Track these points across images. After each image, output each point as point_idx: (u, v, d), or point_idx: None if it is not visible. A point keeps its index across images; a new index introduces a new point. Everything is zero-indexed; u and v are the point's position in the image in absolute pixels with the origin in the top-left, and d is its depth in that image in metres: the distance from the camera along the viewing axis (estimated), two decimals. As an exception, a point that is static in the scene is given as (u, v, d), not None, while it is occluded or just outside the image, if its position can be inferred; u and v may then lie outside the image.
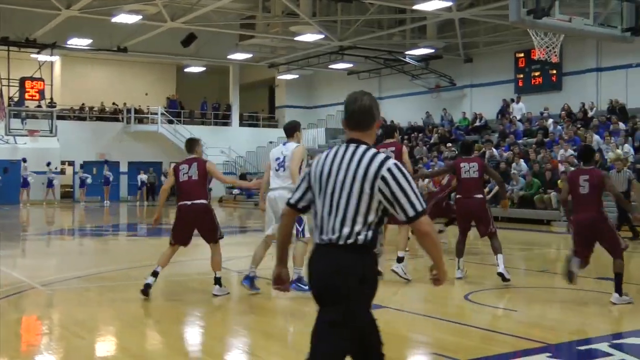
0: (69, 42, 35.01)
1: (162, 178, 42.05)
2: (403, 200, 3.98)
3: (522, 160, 26.24)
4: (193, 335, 8.33)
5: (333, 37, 33.35)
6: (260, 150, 45.15)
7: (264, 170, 10.68)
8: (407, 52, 36.32)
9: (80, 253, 17.77)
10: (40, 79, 34.80)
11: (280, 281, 4.46)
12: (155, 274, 9.86)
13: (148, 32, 33.31)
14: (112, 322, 8.75)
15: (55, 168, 39.08)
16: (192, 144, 10.32)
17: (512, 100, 32.69)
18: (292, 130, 10.32)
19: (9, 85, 35.11)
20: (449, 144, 31.35)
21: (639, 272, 13.63)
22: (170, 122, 43.34)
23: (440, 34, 35.37)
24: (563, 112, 30.07)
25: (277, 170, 10.04)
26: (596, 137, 25.74)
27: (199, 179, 9.94)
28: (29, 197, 36.93)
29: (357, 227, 4.01)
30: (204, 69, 44.27)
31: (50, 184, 37.94)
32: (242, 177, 42.77)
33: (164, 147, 42.56)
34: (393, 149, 11.08)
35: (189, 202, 9.89)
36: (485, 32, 34.36)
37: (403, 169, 4.08)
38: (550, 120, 29.73)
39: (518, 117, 31.79)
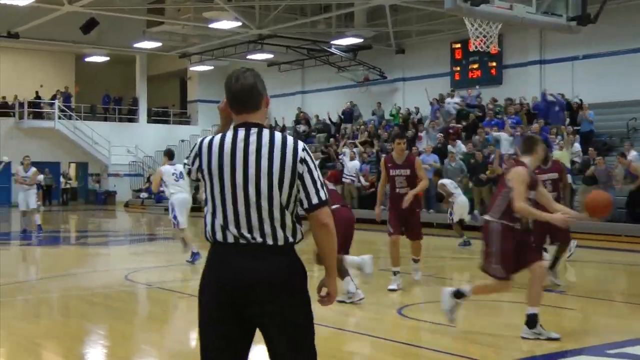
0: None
1: (61, 179, 41.20)
2: (311, 187, 3.92)
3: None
4: (95, 356, 8.14)
5: (251, 25, 33.19)
6: (171, 150, 44.58)
7: None
8: (332, 42, 36.31)
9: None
10: None
11: None
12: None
13: (43, 16, 32.60)
14: (1, 344, 8.41)
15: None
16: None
17: (448, 95, 32.80)
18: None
19: None
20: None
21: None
22: (69, 117, 42.57)
23: (370, 22, 35.55)
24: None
25: None
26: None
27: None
28: None
29: (280, 221, 3.90)
30: (107, 58, 43.61)
31: None
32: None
33: (63, 146, 41.82)
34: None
35: None
36: (418, 20, 34.57)
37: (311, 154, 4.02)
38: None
39: (453, 112, 31.76)
